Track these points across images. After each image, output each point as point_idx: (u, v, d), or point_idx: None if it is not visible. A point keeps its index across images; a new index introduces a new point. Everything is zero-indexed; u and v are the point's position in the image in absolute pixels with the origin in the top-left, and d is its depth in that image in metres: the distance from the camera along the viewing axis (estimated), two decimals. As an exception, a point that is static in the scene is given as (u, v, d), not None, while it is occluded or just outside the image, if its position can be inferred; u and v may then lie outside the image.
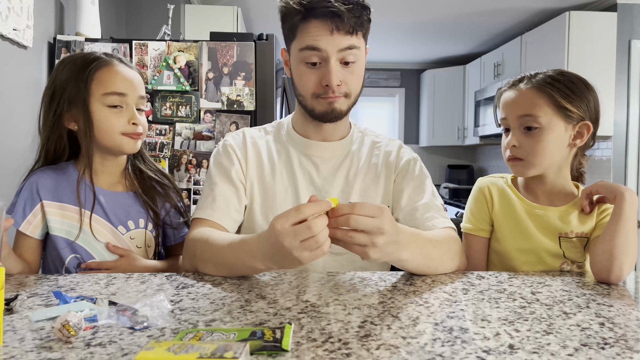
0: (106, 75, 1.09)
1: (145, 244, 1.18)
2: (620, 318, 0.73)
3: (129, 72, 1.13)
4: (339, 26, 1.01)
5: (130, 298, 0.81)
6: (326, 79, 1.04)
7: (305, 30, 1.04)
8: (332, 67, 1.03)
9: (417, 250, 0.92)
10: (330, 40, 1.02)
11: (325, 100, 1.07)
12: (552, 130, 1.07)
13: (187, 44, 2.24)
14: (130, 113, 1.11)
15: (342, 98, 1.08)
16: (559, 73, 1.10)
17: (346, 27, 1.01)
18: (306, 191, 1.14)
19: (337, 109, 1.08)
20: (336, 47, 1.02)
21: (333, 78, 1.03)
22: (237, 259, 0.91)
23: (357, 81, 1.09)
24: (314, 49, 1.03)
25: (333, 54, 1.03)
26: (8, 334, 0.64)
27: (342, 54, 1.03)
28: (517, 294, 0.85)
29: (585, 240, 1.11)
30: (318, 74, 1.05)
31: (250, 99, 2.25)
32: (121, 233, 1.14)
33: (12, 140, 1.87)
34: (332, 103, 1.07)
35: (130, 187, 1.20)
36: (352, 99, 1.10)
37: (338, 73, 1.04)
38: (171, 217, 1.24)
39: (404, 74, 5.81)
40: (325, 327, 0.67)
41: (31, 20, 1.96)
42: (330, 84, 1.04)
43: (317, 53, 1.03)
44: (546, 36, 3.63)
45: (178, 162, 2.24)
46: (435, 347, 0.61)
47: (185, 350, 0.52)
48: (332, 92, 1.05)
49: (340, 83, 1.05)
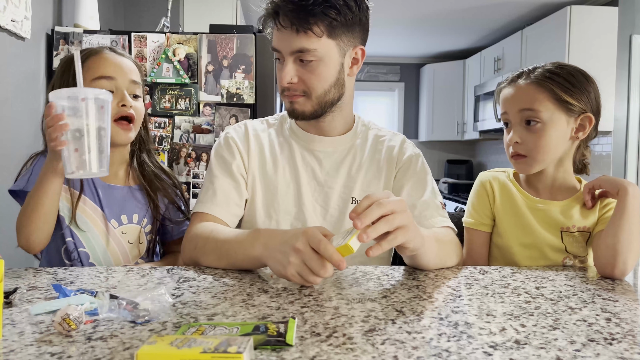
0: (94, 62, 1.10)
1: (138, 240, 1.17)
2: (626, 313, 0.72)
3: (118, 57, 1.14)
4: (283, 23, 1.00)
5: (131, 292, 0.80)
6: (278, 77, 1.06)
7: (271, 29, 1.06)
8: (285, 65, 1.04)
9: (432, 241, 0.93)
10: (279, 37, 1.03)
11: (286, 98, 1.08)
12: (554, 124, 1.06)
13: (186, 36, 2.22)
14: (120, 95, 1.11)
15: (301, 97, 1.06)
16: (558, 66, 1.09)
17: (287, 24, 1.00)
18: (308, 186, 1.13)
19: (297, 109, 1.07)
20: (286, 47, 1.02)
21: (282, 76, 1.04)
22: (239, 249, 0.91)
23: (316, 80, 1.04)
24: (273, 49, 1.06)
25: (286, 53, 1.03)
26: (7, 328, 0.63)
27: (297, 54, 1.02)
28: (521, 288, 0.85)
29: (588, 234, 1.11)
30: (280, 72, 1.07)
31: (250, 92, 2.23)
32: (113, 227, 1.13)
33: (10, 131, 1.86)
34: (292, 103, 1.07)
35: (132, 181, 1.19)
36: (315, 99, 1.06)
37: (291, 71, 1.03)
38: (171, 213, 1.23)
39: (403, 68, 5.79)
40: (329, 322, 0.66)
41: (29, 12, 1.94)
42: (279, 82, 1.05)
43: (277, 53, 1.05)
44: (547, 31, 3.62)
45: (177, 156, 2.22)
46: (441, 342, 0.60)
47: (188, 345, 0.52)
48: (287, 91, 1.06)
49: (292, 81, 1.04)
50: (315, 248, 0.77)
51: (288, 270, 0.79)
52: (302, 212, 1.11)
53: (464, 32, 4.64)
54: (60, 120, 0.84)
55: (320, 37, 1.01)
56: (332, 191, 1.13)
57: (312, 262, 0.77)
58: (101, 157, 0.87)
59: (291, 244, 0.79)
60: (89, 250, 1.10)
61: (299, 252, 0.77)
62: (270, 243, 0.85)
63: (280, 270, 0.81)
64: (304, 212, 1.11)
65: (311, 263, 0.77)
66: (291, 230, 0.84)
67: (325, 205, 1.12)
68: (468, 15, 4.11)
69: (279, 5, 1.00)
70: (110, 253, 1.12)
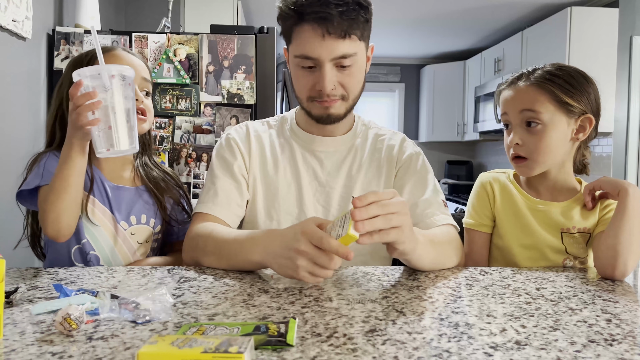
0: (107, 59, 1.10)
1: (145, 240, 1.17)
2: (626, 314, 0.72)
3: (130, 56, 1.15)
4: (330, 30, 0.97)
5: (132, 291, 0.80)
6: (320, 84, 1.02)
7: (298, 36, 1.01)
8: (326, 72, 1.01)
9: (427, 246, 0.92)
10: (322, 45, 0.99)
11: (320, 104, 1.06)
12: (555, 126, 1.06)
13: (187, 36, 2.22)
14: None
15: (339, 101, 1.06)
16: (557, 68, 1.09)
17: (337, 31, 0.97)
18: (309, 187, 1.13)
19: (334, 113, 1.07)
20: (329, 54, 0.99)
21: (326, 84, 1.01)
22: (240, 252, 0.91)
23: (355, 83, 1.06)
24: (307, 58, 1.01)
25: (326, 60, 1.00)
26: (8, 327, 0.63)
27: (338, 60, 1.01)
28: (521, 289, 0.85)
29: (588, 235, 1.11)
30: (313, 78, 1.03)
31: (250, 93, 2.23)
32: (123, 228, 1.13)
33: (11, 131, 1.86)
34: (328, 108, 1.06)
35: (139, 182, 1.20)
36: (351, 101, 1.08)
37: (333, 77, 1.02)
38: (177, 213, 1.24)
39: (403, 69, 5.79)
40: (330, 322, 0.66)
41: (30, 12, 1.94)
42: (323, 90, 1.02)
43: (311, 60, 1.01)
44: (547, 32, 3.62)
45: (178, 156, 2.23)
46: (441, 342, 0.60)
47: (189, 345, 0.52)
48: (326, 97, 1.04)
49: (335, 87, 1.03)
50: (318, 245, 0.77)
51: (299, 273, 0.79)
52: (304, 212, 1.11)
53: (464, 33, 4.64)
54: (91, 98, 0.83)
55: (359, 40, 1.02)
56: (334, 191, 1.13)
57: (320, 260, 0.77)
58: (132, 133, 0.87)
59: (293, 247, 0.79)
60: (98, 252, 1.10)
61: (304, 254, 0.78)
62: (270, 248, 0.85)
63: (291, 274, 0.81)
64: (306, 212, 1.11)
65: (319, 261, 0.77)
66: (288, 231, 0.83)
67: (327, 205, 1.13)
68: (468, 16, 4.11)
69: (329, 12, 0.95)
70: (119, 253, 1.12)
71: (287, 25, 1.03)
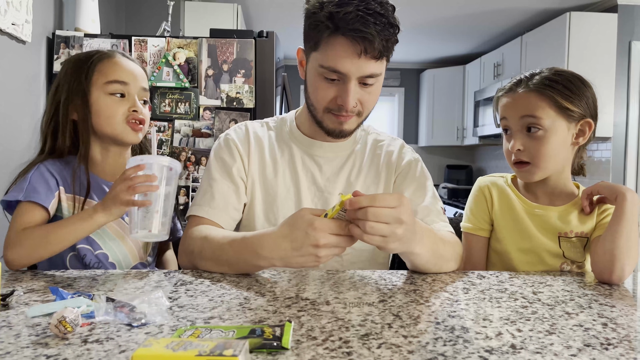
0: (108, 66, 1.11)
1: None
2: (622, 319, 0.72)
3: (130, 64, 1.15)
4: (368, 50, 0.95)
5: (128, 295, 0.80)
6: (342, 99, 1.01)
7: (330, 47, 0.97)
8: (351, 89, 0.99)
9: (429, 245, 0.92)
10: (355, 63, 0.96)
11: (336, 118, 1.04)
12: (556, 131, 1.06)
13: (186, 40, 2.23)
14: (131, 101, 1.11)
15: (354, 117, 1.06)
16: (555, 73, 1.09)
17: (374, 52, 0.96)
18: (308, 192, 1.13)
19: (347, 129, 1.07)
20: (358, 72, 0.97)
21: (350, 100, 1.00)
22: (238, 255, 0.91)
23: (373, 101, 1.06)
24: (334, 71, 0.98)
25: (354, 77, 0.98)
26: (3, 330, 0.63)
27: (365, 78, 1.00)
28: (518, 293, 0.85)
29: (585, 240, 1.11)
30: (335, 91, 1.01)
31: (249, 97, 2.24)
32: (126, 223, 1.14)
33: (11, 135, 1.86)
34: (343, 123, 1.05)
35: None
36: (364, 117, 1.08)
37: (356, 95, 1.01)
38: None
39: (403, 74, 5.80)
40: (326, 326, 0.66)
41: (30, 15, 1.95)
42: (345, 105, 1.01)
43: (338, 74, 0.99)
44: (546, 37, 3.63)
45: (177, 159, 2.22)
46: (437, 346, 0.60)
47: (184, 348, 0.52)
48: (345, 112, 1.03)
49: (356, 104, 1.03)
50: (337, 233, 0.80)
51: (322, 261, 0.83)
52: None
53: (464, 38, 4.65)
54: (151, 180, 0.91)
55: (387, 61, 1.03)
56: (332, 197, 1.13)
57: (343, 243, 0.82)
58: (165, 220, 0.94)
59: (311, 243, 0.81)
60: (107, 251, 1.10)
61: (324, 247, 0.81)
62: (278, 252, 0.85)
63: (313, 265, 0.84)
64: None
65: (342, 244, 0.82)
66: (292, 231, 0.83)
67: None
68: (468, 22, 4.12)
69: (369, 32, 0.93)
70: (127, 250, 1.13)
71: (318, 33, 0.98)
